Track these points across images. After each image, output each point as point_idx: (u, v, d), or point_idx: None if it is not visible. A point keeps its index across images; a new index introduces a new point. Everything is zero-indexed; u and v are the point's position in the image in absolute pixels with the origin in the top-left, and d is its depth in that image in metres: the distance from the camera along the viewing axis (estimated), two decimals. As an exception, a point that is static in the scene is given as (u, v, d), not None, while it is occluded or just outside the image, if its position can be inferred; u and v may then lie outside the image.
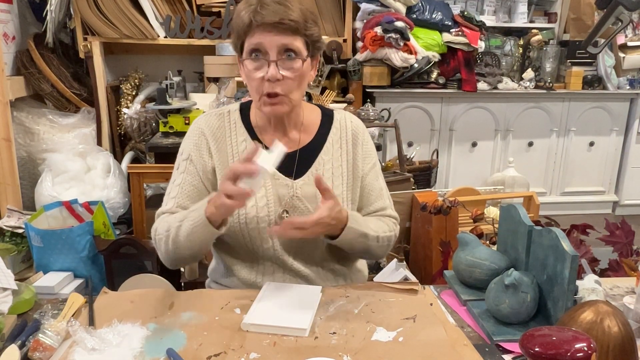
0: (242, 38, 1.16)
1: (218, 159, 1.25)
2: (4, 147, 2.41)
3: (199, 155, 1.25)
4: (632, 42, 3.82)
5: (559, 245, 0.98)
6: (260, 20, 1.11)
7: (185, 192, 1.23)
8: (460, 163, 3.78)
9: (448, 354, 0.94)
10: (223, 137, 1.26)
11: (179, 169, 1.26)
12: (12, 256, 2.03)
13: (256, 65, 1.15)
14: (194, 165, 1.24)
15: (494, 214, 2.08)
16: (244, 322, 1.01)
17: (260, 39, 1.12)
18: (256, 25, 1.11)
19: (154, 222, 1.24)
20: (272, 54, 1.13)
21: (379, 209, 1.32)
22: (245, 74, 1.19)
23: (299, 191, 1.23)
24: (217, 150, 1.25)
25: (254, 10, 1.12)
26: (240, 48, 1.18)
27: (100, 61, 3.00)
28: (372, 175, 1.32)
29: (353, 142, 1.30)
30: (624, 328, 0.85)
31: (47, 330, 0.95)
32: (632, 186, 3.99)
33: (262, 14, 1.10)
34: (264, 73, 1.14)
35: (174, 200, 1.23)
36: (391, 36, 3.21)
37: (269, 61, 1.13)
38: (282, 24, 1.11)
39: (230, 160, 1.25)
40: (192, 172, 1.24)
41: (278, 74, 1.13)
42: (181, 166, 1.26)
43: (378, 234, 1.24)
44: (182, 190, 1.23)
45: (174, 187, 1.25)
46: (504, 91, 3.65)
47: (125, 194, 2.71)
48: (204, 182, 1.25)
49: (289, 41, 1.13)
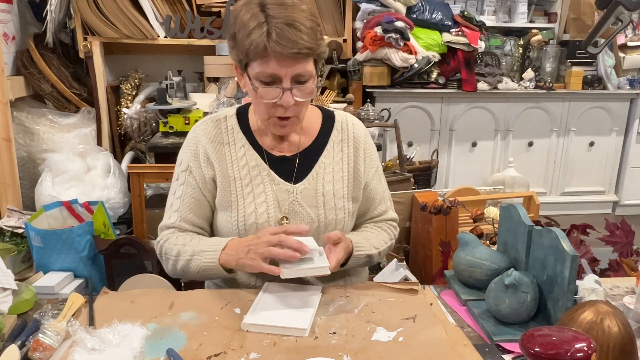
0: (250, 59, 1.11)
1: (218, 167, 1.24)
2: (4, 147, 2.41)
3: (197, 166, 1.24)
4: (632, 42, 3.83)
5: (559, 245, 0.98)
6: (277, 50, 1.06)
7: (187, 204, 1.24)
8: (460, 163, 3.78)
9: (448, 354, 0.94)
10: (221, 145, 1.25)
11: (178, 180, 1.26)
12: (12, 256, 2.02)
13: (268, 92, 1.12)
14: (193, 176, 1.24)
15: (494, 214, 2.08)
16: (244, 322, 1.01)
17: (276, 70, 1.09)
18: (270, 54, 1.07)
19: (158, 236, 1.26)
20: (286, 82, 1.11)
21: (382, 213, 1.35)
22: (252, 94, 1.16)
23: (299, 196, 1.23)
24: (217, 159, 1.24)
25: (266, 34, 1.06)
26: (245, 65, 1.14)
27: (100, 61, 3.00)
28: (376, 180, 1.33)
29: (354, 145, 1.29)
30: (624, 328, 0.85)
31: (47, 330, 0.95)
32: (632, 186, 4.00)
33: (277, 42, 1.05)
34: (276, 98, 1.12)
35: (177, 214, 1.24)
36: (391, 36, 3.21)
37: (284, 89, 1.11)
38: (298, 53, 1.08)
39: (230, 168, 1.23)
40: (191, 184, 1.24)
41: (292, 100, 1.12)
42: (180, 177, 1.26)
43: (379, 250, 1.29)
44: (183, 203, 1.24)
45: (175, 199, 1.26)
46: (504, 91, 3.65)
47: (125, 194, 2.71)
48: (203, 193, 1.25)
49: (303, 67, 1.11)
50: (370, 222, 1.35)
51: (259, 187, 1.22)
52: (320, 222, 1.23)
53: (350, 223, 1.30)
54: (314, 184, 1.24)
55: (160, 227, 1.27)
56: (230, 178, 1.23)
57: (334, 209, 1.24)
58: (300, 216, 1.22)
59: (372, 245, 1.27)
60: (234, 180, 1.23)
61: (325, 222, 1.23)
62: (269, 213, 1.21)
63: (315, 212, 1.23)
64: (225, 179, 1.23)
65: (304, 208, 1.23)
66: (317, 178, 1.25)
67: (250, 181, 1.23)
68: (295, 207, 1.22)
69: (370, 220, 1.35)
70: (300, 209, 1.22)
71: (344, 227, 1.27)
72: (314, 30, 1.10)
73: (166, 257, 1.22)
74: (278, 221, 1.22)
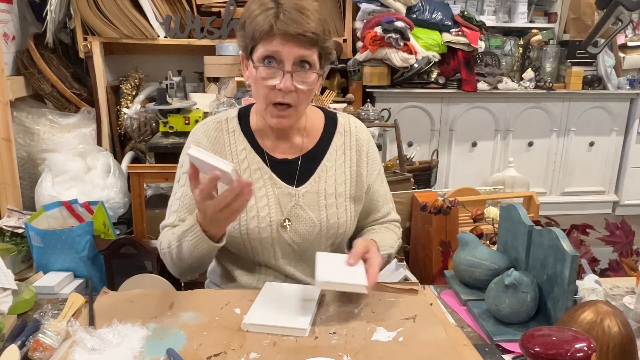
0: (256, 42, 1.11)
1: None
2: (4, 147, 2.41)
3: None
4: (632, 42, 3.83)
5: (559, 245, 0.98)
6: (282, 29, 1.06)
7: (186, 205, 1.23)
8: (460, 163, 3.78)
9: (448, 354, 0.94)
10: (222, 147, 1.24)
11: (179, 182, 1.26)
12: (12, 256, 2.02)
13: (269, 73, 1.11)
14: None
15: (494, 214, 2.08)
16: (244, 322, 1.01)
17: (279, 47, 1.08)
18: (276, 33, 1.07)
19: (159, 235, 1.26)
20: (288, 65, 1.10)
21: (385, 214, 1.35)
22: (254, 79, 1.15)
23: (301, 199, 1.22)
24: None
25: (274, 15, 1.07)
26: (251, 50, 1.14)
27: (100, 61, 3.00)
28: (378, 182, 1.33)
29: (357, 148, 1.29)
30: (624, 328, 0.85)
31: (47, 330, 0.95)
32: (632, 186, 4.00)
33: (284, 22, 1.06)
34: (276, 82, 1.10)
35: (176, 214, 1.24)
36: (391, 36, 3.21)
37: (284, 71, 1.10)
38: (303, 35, 1.07)
39: None
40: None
41: (292, 86, 1.11)
42: (181, 179, 1.25)
43: (394, 248, 1.30)
44: (182, 203, 1.24)
45: (175, 200, 1.26)
46: (504, 91, 3.65)
47: (125, 194, 2.71)
48: None
49: (307, 53, 1.10)
50: (374, 224, 1.35)
51: (260, 191, 1.22)
52: (323, 225, 1.22)
53: (352, 226, 1.29)
54: (316, 187, 1.23)
55: (161, 227, 1.27)
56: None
57: (336, 212, 1.23)
58: (302, 219, 1.22)
59: (389, 244, 1.27)
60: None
61: (328, 225, 1.23)
62: (270, 216, 1.20)
63: (317, 215, 1.22)
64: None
65: (306, 211, 1.22)
66: (320, 181, 1.24)
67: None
68: (297, 211, 1.22)
69: (374, 222, 1.35)
70: (302, 212, 1.22)
71: (346, 229, 1.26)
72: (322, 22, 1.11)
73: (163, 253, 1.21)
74: (280, 224, 1.21)
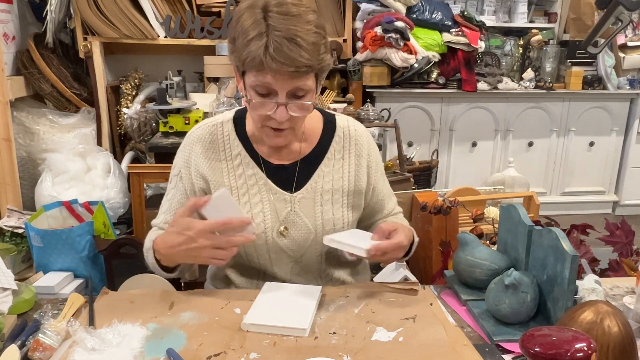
0: (247, 69, 1.07)
1: (212, 177, 1.21)
2: (4, 147, 2.41)
3: (188, 173, 1.23)
4: (632, 42, 3.83)
5: (559, 245, 0.98)
6: (272, 67, 1.01)
7: (173, 208, 1.24)
8: (460, 163, 3.78)
9: (448, 354, 0.94)
10: (217, 152, 1.22)
11: (171, 184, 1.27)
12: (12, 256, 2.02)
13: (262, 103, 1.08)
14: (183, 183, 1.24)
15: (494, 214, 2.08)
16: (244, 322, 1.01)
17: (271, 80, 1.04)
18: (266, 68, 1.02)
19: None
20: (282, 96, 1.06)
21: (391, 210, 1.36)
22: (249, 104, 1.11)
23: (296, 206, 1.20)
24: (210, 169, 1.21)
25: (264, 48, 1.01)
26: (243, 72, 1.09)
27: (100, 61, 2.99)
28: (381, 181, 1.32)
29: (356, 152, 1.26)
30: (624, 328, 0.85)
31: (47, 330, 0.95)
32: (632, 186, 4.00)
33: (276, 59, 1.00)
34: (270, 111, 1.08)
35: (163, 215, 1.26)
36: (391, 36, 3.21)
37: (278, 103, 1.07)
38: (296, 71, 1.03)
39: (226, 177, 1.21)
40: (180, 189, 1.25)
41: (287, 116, 1.08)
42: (172, 181, 1.26)
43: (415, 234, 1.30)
44: (170, 206, 1.25)
45: (165, 201, 1.27)
46: (504, 91, 3.65)
47: (125, 194, 2.71)
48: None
49: (301, 83, 1.06)
50: (384, 219, 1.35)
51: (255, 197, 1.20)
52: (318, 232, 1.20)
53: None
54: (312, 193, 1.21)
55: (151, 224, 1.29)
56: (225, 187, 1.20)
57: (332, 219, 1.21)
58: (297, 226, 1.20)
59: (412, 230, 1.29)
60: (229, 189, 1.21)
61: (323, 232, 1.20)
62: (265, 223, 1.19)
63: (312, 222, 1.20)
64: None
65: (301, 218, 1.20)
66: (316, 187, 1.22)
67: (247, 191, 1.20)
68: (293, 217, 1.20)
69: (382, 219, 1.35)
70: (298, 218, 1.20)
71: None
72: (316, 46, 1.04)
73: (145, 255, 1.23)
74: (277, 231, 1.20)
